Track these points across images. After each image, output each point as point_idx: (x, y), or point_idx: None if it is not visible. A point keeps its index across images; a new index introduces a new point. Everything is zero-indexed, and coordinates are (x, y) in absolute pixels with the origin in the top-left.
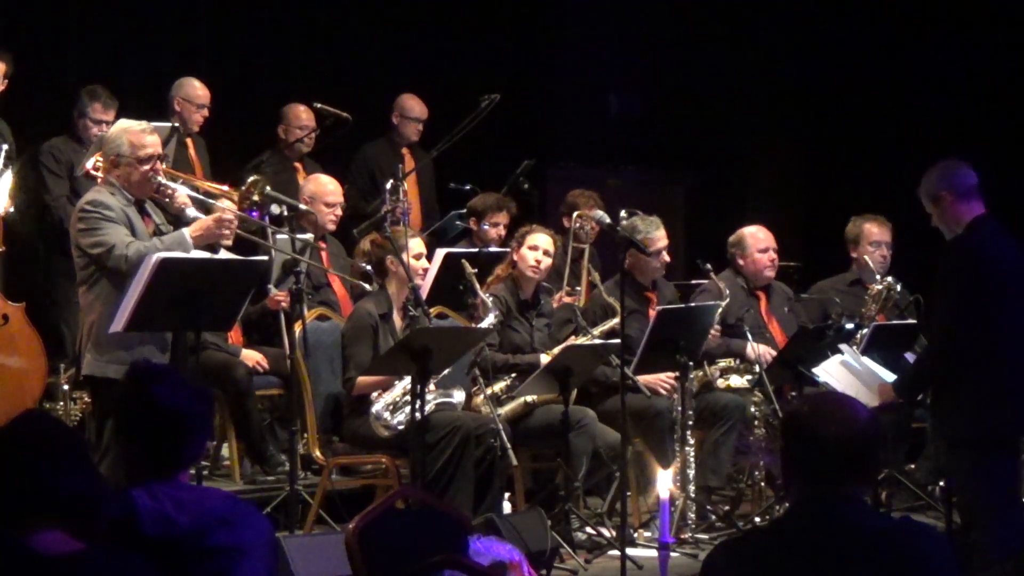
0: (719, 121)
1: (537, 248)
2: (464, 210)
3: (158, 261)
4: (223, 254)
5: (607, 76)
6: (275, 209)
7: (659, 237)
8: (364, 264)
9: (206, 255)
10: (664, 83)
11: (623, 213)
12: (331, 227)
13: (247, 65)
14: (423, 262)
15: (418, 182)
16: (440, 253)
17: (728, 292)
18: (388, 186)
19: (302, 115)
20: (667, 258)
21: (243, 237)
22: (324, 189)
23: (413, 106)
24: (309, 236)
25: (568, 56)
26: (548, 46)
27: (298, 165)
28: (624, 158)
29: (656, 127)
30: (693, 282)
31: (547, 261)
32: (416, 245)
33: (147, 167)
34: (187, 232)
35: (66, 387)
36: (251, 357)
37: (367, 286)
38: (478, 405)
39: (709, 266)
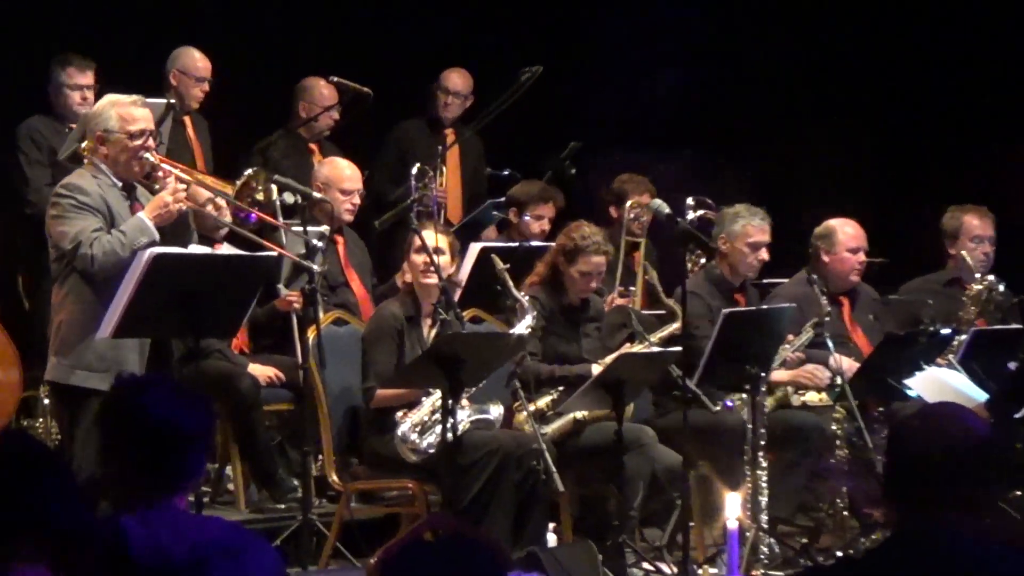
0: (781, 99)
1: (590, 275)
2: (502, 199)
3: (151, 258)
4: (225, 248)
5: (657, 49)
6: (288, 198)
7: (759, 230)
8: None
9: (206, 250)
10: (720, 57)
11: (689, 201)
12: (348, 218)
13: (254, 33)
14: (444, 258)
15: (461, 166)
16: (474, 248)
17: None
18: (414, 171)
19: (324, 91)
20: (766, 256)
21: (247, 234)
22: (340, 174)
23: (456, 80)
24: (324, 228)
25: (615, 25)
26: (593, 13)
27: (314, 147)
28: (676, 140)
29: (711, 106)
30: (765, 281)
31: (598, 280)
32: (438, 239)
33: (138, 143)
34: (143, 215)
35: (46, 401)
36: (261, 373)
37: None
38: (519, 423)
39: None
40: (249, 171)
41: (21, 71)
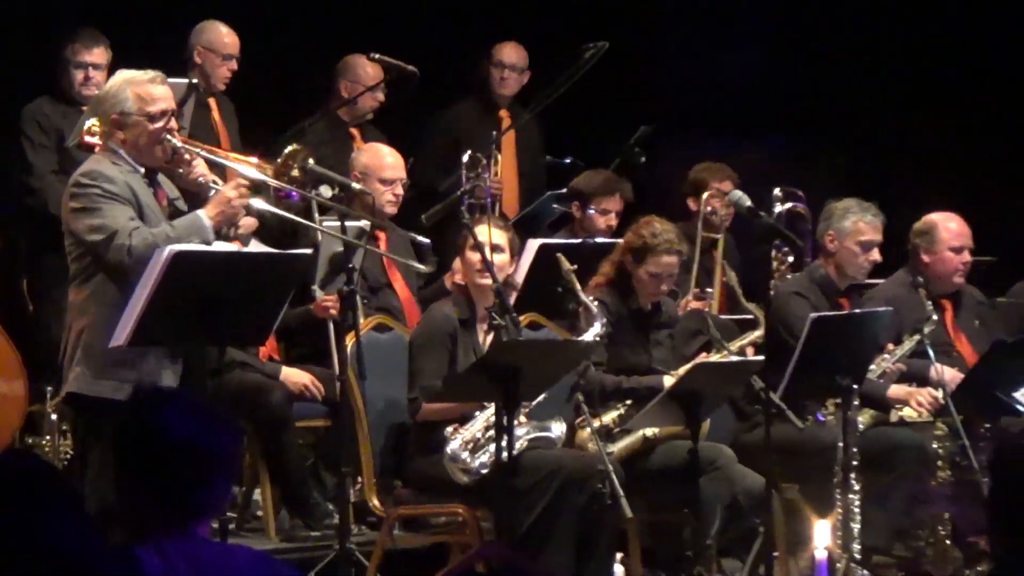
0: (878, 79)
1: (661, 277)
2: (563, 190)
3: (171, 256)
4: (254, 246)
5: (739, 22)
6: (325, 191)
7: (872, 228)
8: None
9: (233, 247)
10: (809, 31)
11: (776, 192)
12: (390, 211)
13: (287, 5)
14: (503, 256)
15: (518, 153)
16: (533, 245)
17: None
18: (466, 159)
19: (368, 69)
20: (877, 256)
21: (280, 224)
22: (380, 162)
23: (511, 52)
24: (365, 223)
25: None
26: None
27: (355, 132)
28: (760, 125)
29: (799, 86)
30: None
31: (670, 283)
32: (495, 235)
33: (159, 125)
34: (203, 214)
35: (54, 417)
36: (297, 379)
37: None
38: (583, 441)
39: None
40: (290, 148)
41: (27, 48)
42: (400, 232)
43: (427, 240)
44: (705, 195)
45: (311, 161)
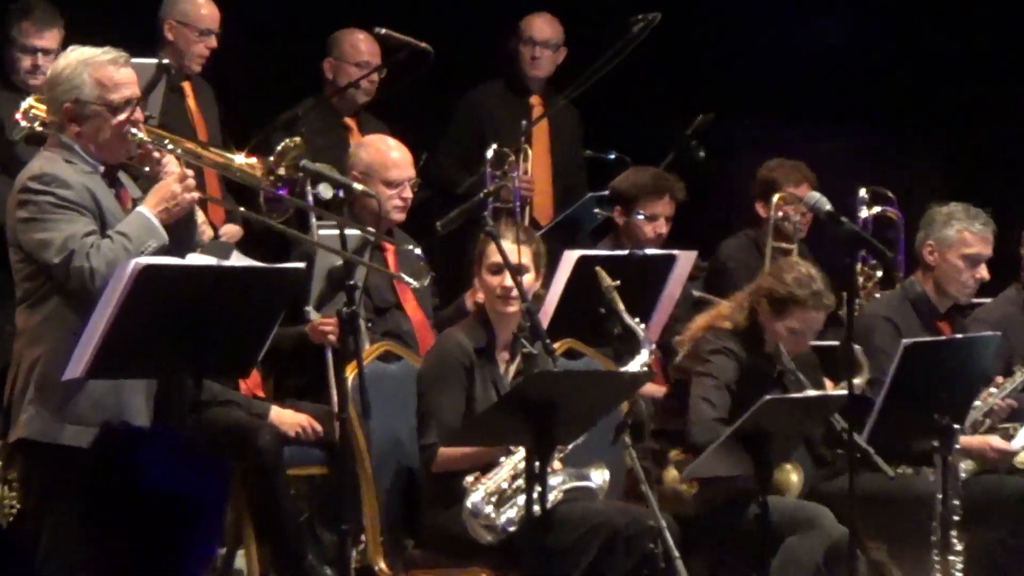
0: (983, 59)
1: (802, 334)
2: (605, 191)
3: (136, 270)
4: (236, 259)
5: None
6: (324, 191)
7: (980, 239)
8: None
9: (211, 261)
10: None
11: (862, 194)
12: (398, 217)
13: None
14: (527, 277)
15: (552, 147)
16: (570, 257)
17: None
18: (490, 154)
19: (361, 45)
20: (985, 274)
21: (268, 233)
22: (384, 160)
23: (543, 25)
24: (371, 231)
25: None
26: None
27: (351, 123)
28: (843, 113)
29: (889, 67)
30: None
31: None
32: (514, 251)
33: (122, 116)
34: (146, 211)
35: None
36: (289, 419)
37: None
38: (671, 482)
39: None
40: (286, 141)
41: None
42: (400, 239)
43: (417, 249)
44: (776, 198)
45: (307, 159)
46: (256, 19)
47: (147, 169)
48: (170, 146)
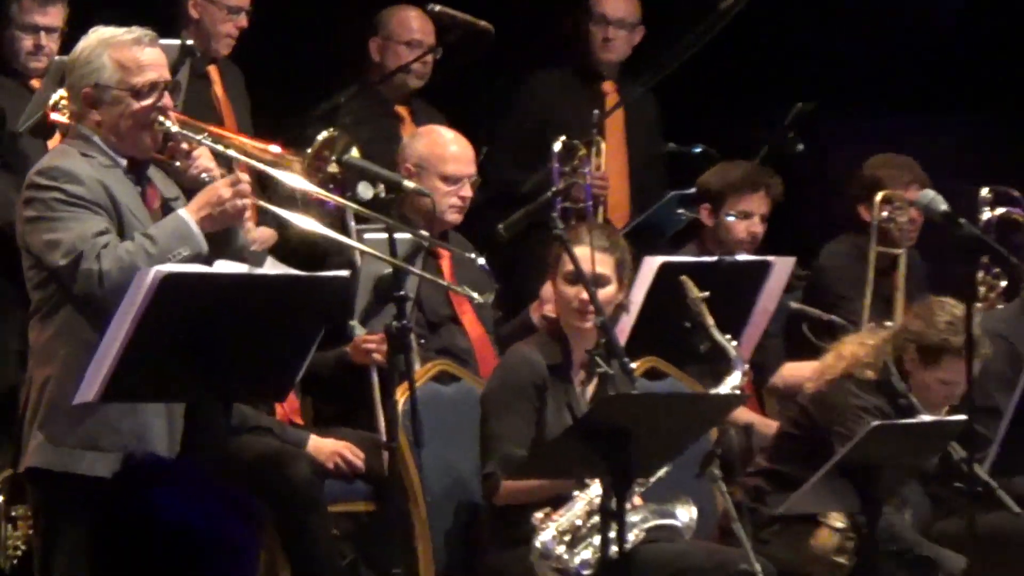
0: None
1: (955, 385)
2: (690, 189)
3: (157, 279)
4: (270, 266)
5: None
6: (364, 190)
7: None
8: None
9: (243, 268)
10: None
11: (984, 192)
12: (454, 218)
13: None
14: (608, 289)
15: (628, 139)
16: (651, 264)
17: None
18: (558, 147)
19: (412, 23)
20: None
21: (306, 238)
22: (442, 152)
23: (617, 4)
24: (423, 234)
25: None
26: None
27: (402, 111)
28: (959, 101)
29: (1012, 50)
30: None
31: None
32: (597, 260)
33: (147, 102)
34: (187, 215)
35: (0, 499)
36: (330, 451)
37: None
38: (823, 547)
39: None
40: (325, 134)
41: None
42: (456, 243)
43: (481, 259)
44: (879, 197)
45: (355, 151)
46: None
47: (177, 163)
48: (202, 138)
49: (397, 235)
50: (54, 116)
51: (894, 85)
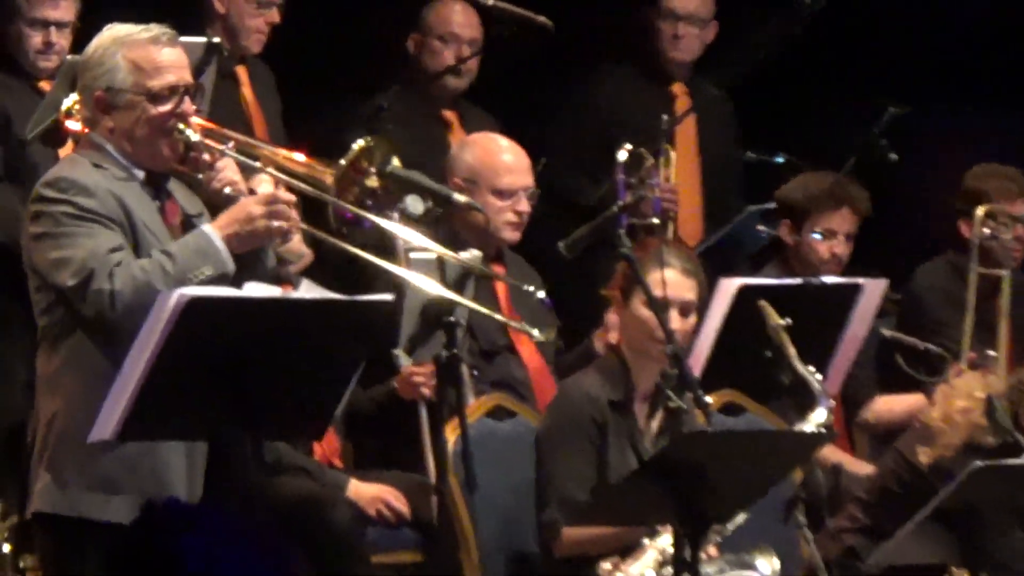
0: None
1: None
2: (770, 204)
3: (182, 304)
4: (306, 289)
5: None
6: (412, 205)
7: None
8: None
9: (276, 292)
10: None
11: None
12: (510, 236)
13: None
14: (691, 319)
15: (700, 147)
16: (728, 287)
17: None
18: (622, 156)
19: (456, 17)
20: None
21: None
22: (495, 162)
23: None
24: (474, 254)
25: None
26: None
27: (449, 116)
28: None
29: None
30: None
31: None
32: (679, 284)
33: (165, 108)
34: (213, 231)
35: (6, 549)
36: (373, 496)
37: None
38: None
39: None
40: (360, 142)
41: None
42: (513, 264)
43: (542, 293)
44: (982, 211)
45: (395, 161)
46: None
47: (200, 176)
48: (226, 149)
49: (447, 256)
50: (69, 124)
51: (1003, 84)
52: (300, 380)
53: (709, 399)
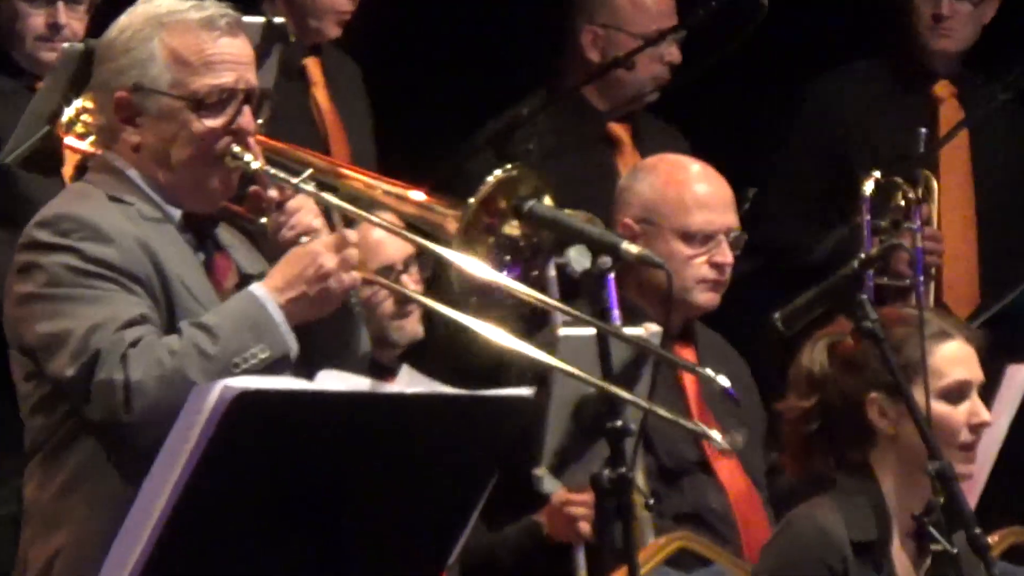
0: None
1: None
2: None
3: (226, 400)
4: (407, 378)
5: None
6: (577, 260)
7: None
8: None
9: (363, 383)
10: None
11: None
12: (704, 300)
13: None
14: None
15: (975, 176)
16: (1019, 377)
17: None
18: (868, 188)
19: (652, 4)
20: None
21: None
22: (683, 195)
23: None
24: (652, 330)
25: None
26: None
27: (620, 132)
28: None
29: None
30: None
31: None
32: (960, 353)
33: (216, 122)
34: (264, 292)
35: None
36: None
37: None
38: None
39: None
40: (498, 172)
41: None
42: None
43: (725, 381)
44: None
45: (547, 199)
46: None
47: (263, 220)
48: (302, 184)
49: (612, 331)
50: (71, 142)
51: None
52: (400, 511)
53: (992, 538)
